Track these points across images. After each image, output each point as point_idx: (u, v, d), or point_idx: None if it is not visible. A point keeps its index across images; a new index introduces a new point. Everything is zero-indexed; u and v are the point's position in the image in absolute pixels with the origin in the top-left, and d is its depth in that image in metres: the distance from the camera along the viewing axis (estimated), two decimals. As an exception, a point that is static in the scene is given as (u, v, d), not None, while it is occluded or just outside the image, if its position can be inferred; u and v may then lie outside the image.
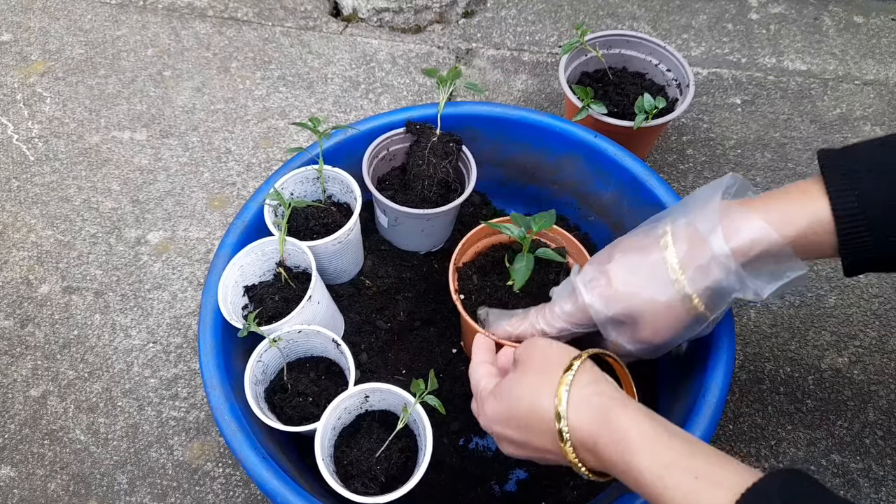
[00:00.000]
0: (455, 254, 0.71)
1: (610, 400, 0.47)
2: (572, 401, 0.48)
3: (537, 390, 0.50)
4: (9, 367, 0.86)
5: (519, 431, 0.52)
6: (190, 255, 0.96)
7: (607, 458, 0.46)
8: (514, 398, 0.52)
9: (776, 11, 1.25)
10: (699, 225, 0.54)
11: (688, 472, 0.42)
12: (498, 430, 0.54)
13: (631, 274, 0.57)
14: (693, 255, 0.54)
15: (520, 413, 0.51)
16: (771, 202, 0.53)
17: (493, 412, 0.54)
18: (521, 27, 1.24)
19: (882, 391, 0.81)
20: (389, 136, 0.79)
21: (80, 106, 1.14)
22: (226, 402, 0.62)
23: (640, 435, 0.45)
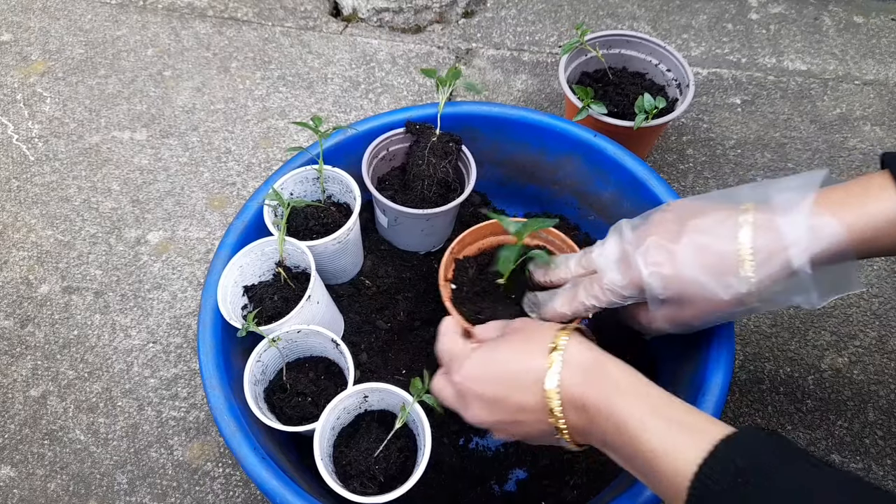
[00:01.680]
0: (454, 244, 0.71)
1: (601, 354, 0.50)
2: (566, 357, 0.49)
3: (527, 350, 0.51)
4: (9, 367, 0.86)
5: (498, 387, 0.52)
6: (190, 255, 0.96)
7: (593, 405, 0.47)
8: (501, 357, 0.53)
9: (776, 11, 1.25)
10: (783, 226, 0.51)
11: (669, 420, 0.44)
12: (473, 386, 0.53)
13: (699, 261, 0.53)
14: (769, 256, 0.51)
15: (505, 370, 0.52)
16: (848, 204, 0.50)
17: (473, 369, 0.54)
18: (521, 27, 1.24)
19: (882, 391, 0.81)
20: (389, 136, 0.79)
21: (80, 106, 1.14)
22: (225, 402, 0.62)
23: (628, 382, 0.47)
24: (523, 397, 0.50)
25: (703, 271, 0.53)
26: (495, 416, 0.53)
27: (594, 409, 0.47)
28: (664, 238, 0.55)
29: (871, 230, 0.50)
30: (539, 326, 0.55)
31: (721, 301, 0.53)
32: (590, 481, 0.69)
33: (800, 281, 0.51)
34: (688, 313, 0.56)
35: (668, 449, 0.42)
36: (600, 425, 0.47)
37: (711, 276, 0.53)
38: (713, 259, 0.53)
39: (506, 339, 0.55)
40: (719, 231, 0.53)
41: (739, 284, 0.52)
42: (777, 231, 0.51)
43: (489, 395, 0.52)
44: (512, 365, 0.52)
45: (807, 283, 0.51)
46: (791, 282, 0.51)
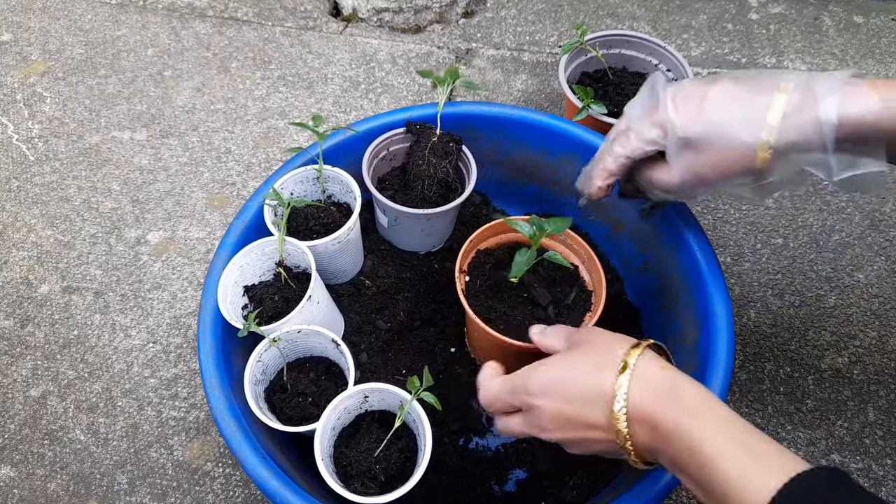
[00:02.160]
0: (474, 235, 0.72)
1: (676, 373, 0.49)
2: (637, 374, 0.48)
3: (598, 366, 0.50)
4: (9, 367, 0.86)
5: (569, 404, 0.51)
6: (190, 255, 0.96)
7: (665, 426, 0.46)
8: (573, 370, 0.52)
9: (776, 11, 1.25)
10: (818, 86, 0.50)
11: (745, 447, 0.43)
12: (542, 402, 0.52)
13: (730, 104, 0.53)
14: (799, 108, 0.51)
15: (576, 384, 0.51)
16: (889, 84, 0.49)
17: (544, 383, 0.52)
18: (521, 27, 1.24)
19: (882, 391, 0.81)
20: (389, 136, 0.79)
21: (80, 106, 1.14)
22: (225, 402, 0.62)
23: (703, 404, 0.46)
24: (593, 415, 0.49)
25: (729, 113, 0.53)
26: (567, 433, 0.52)
27: (665, 429, 0.46)
28: (700, 83, 0.56)
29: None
30: (610, 340, 0.53)
31: (740, 146, 0.53)
32: (589, 482, 0.69)
33: (821, 141, 0.50)
34: (703, 160, 0.55)
35: (743, 478, 0.41)
36: (672, 446, 0.46)
37: (736, 118, 0.53)
38: (742, 105, 0.53)
39: (576, 352, 0.54)
40: (759, 82, 0.53)
41: (762, 128, 0.52)
42: (812, 91, 0.51)
43: (559, 410, 0.51)
44: (582, 381, 0.51)
45: (829, 142, 0.50)
46: (812, 142, 0.51)
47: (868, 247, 0.93)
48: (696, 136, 0.55)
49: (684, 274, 0.71)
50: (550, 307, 0.69)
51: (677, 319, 0.72)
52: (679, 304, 0.72)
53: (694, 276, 0.69)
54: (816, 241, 0.94)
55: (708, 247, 0.69)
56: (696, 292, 0.68)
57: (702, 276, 0.68)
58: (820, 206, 0.97)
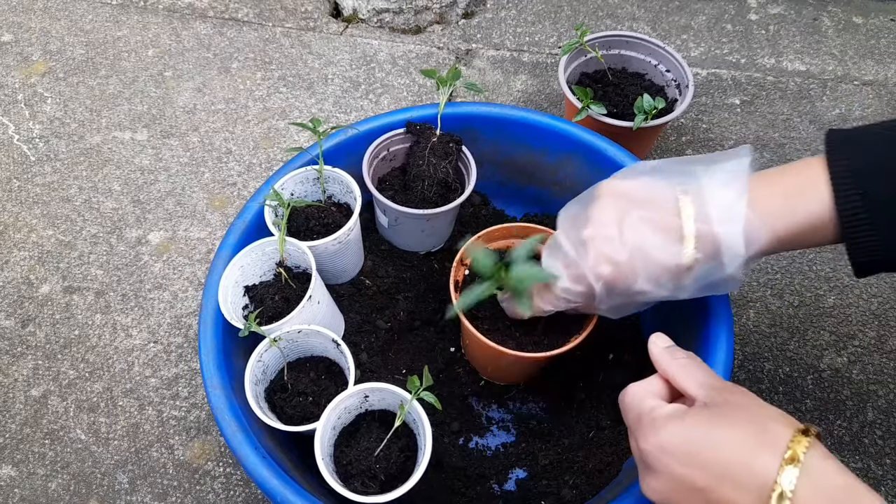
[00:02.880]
0: (483, 232, 0.72)
1: (855, 481, 0.41)
2: (809, 472, 0.41)
3: (756, 440, 0.43)
4: (10, 366, 0.87)
5: (707, 475, 0.43)
6: (190, 255, 0.96)
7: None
8: (718, 438, 0.44)
9: (775, 12, 1.25)
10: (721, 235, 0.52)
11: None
12: (669, 464, 0.45)
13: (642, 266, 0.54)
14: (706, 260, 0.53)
15: (721, 456, 0.43)
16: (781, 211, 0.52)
17: (675, 442, 0.45)
18: (521, 28, 1.25)
19: (881, 391, 0.82)
20: (389, 137, 0.80)
21: (81, 106, 1.14)
22: (226, 402, 0.62)
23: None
24: (737, 498, 0.42)
25: (647, 279, 0.54)
26: (685, 500, 0.45)
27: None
28: (606, 241, 0.55)
29: (796, 234, 0.51)
30: (767, 412, 0.45)
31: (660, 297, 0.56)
32: (589, 481, 0.69)
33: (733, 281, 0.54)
34: (631, 307, 0.60)
35: None
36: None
37: (654, 285, 0.55)
38: (655, 267, 0.54)
39: (723, 414, 0.45)
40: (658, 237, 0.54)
41: (676, 290, 0.55)
42: (714, 239, 0.52)
43: (689, 479, 0.44)
44: (731, 455, 0.43)
45: (736, 281, 0.54)
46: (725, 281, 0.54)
47: (867, 247, 0.93)
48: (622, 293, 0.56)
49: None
50: (543, 319, 0.69)
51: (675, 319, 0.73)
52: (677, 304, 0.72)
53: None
54: (815, 241, 0.94)
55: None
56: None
57: (701, 276, 0.68)
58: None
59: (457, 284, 0.71)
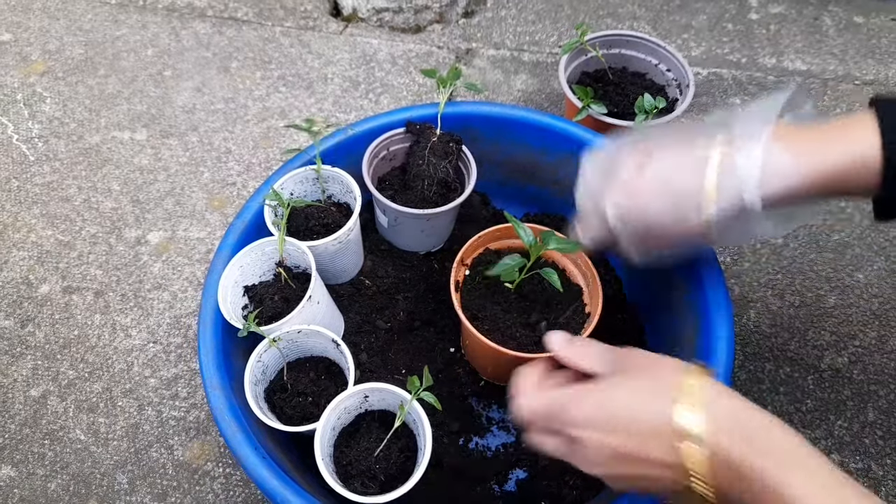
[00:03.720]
0: (485, 232, 0.72)
1: (753, 409, 0.44)
2: (710, 409, 0.43)
3: (657, 393, 0.46)
4: (9, 366, 0.86)
5: (628, 438, 0.46)
6: (190, 255, 0.96)
7: (748, 468, 0.42)
8: (625, 400, 0.47)
9: (776, 11, 1.25)
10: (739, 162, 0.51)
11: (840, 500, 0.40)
12: (593, 435, 0.47)
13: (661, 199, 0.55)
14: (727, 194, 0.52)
15: (633, 417, 0.46)
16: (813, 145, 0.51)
17: (593, 413, 0.47)
18: (521, 27, 1.24)
19: (882, 391, 0.82)
20: (389, 136, 0.79)
21: (80, 106, 1.14)
22: (226, 402, 0.62)
23: (798, 454, 0.42)
24: (658, 452, 0.45)
25: (665, 210, 0.55)
26: (617, 469, 0.47)
27: (754, 480, 0.42)
28: (629, 179, 0.57)
29: (832, 174, 0.50)
30: (657, 364, 0.49)
31: (683, 231, 0.55)
32: (588, 482, 0.69)
33: (755, 215, 0.52)
34: (652, 244, 0.59)
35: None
36: (750, 490, 0.42)
37: (673, 213, 0.55)
38: (675, 197, 0.54)
39: (627, 376, 0.48)
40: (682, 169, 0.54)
41: (699, 219, 0.54)
42: (735, 168, 0.52)
43: (610, 444, 0.46)
44: (638, 413, 0.46)
45: (759, 217, 0.52)
46: (747, 215, 0.52)
47: (868, 247, 0.93)
48: (640, 230, 0.57)
49: (683, 274, 0.71)
50: (543, 323, 0.69)
51: (677, 319, 0.72)
52: (678, 305, 0.72)
53: (693, 277, 0.69)
54: (816, 241, 0.94)
55: (707, 247, 0.69)
56: (696, 292, 0.68)
57: (701, 276, 0.68)
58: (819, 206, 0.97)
59: (457, 285, 0.71)
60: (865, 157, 0.49)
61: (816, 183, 0.50)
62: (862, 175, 0.50)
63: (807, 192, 0.51)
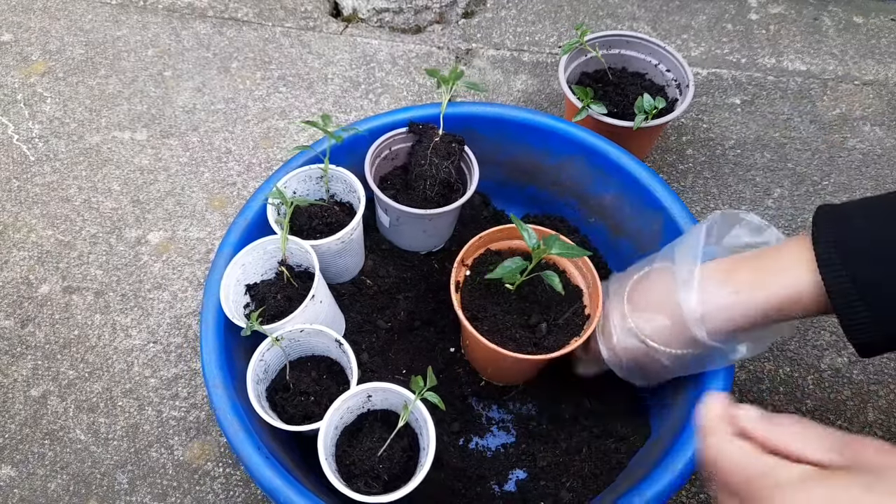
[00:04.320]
0: (485, 233, 0.72)
1: None
2: None
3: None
4: (9, 366, 0.86)
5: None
6: (190, 255, 0.96)
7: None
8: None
9: (776, 12, 1.25)
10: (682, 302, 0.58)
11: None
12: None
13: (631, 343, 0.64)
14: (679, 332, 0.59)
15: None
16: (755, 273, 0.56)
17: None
18: (521, 27, 1.25)
19: (882, 391, 0.82)
20: (392, 136, 0.80)
21: (81, 106, 1.14)
22: (228, 401, 0.62)
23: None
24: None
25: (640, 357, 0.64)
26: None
27: None
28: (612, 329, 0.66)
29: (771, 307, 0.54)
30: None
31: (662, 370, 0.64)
32: (585, 485, 0.69)
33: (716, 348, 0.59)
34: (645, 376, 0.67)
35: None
36: None
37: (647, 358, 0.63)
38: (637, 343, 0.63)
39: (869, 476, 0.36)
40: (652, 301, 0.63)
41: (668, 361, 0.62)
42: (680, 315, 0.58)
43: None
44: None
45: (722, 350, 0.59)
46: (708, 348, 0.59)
47: (867, 247, 0.93)
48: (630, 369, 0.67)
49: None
50: (543, 324, 0.69)
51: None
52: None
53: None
54: (816, 241, 0.94)
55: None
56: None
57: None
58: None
59: (457, 286, 0.70)
60: (801, 292, 0.53)
61: (758, 316, 0.55)
62: (801, 305, 0.54)
63: (751, 325, 0.56)
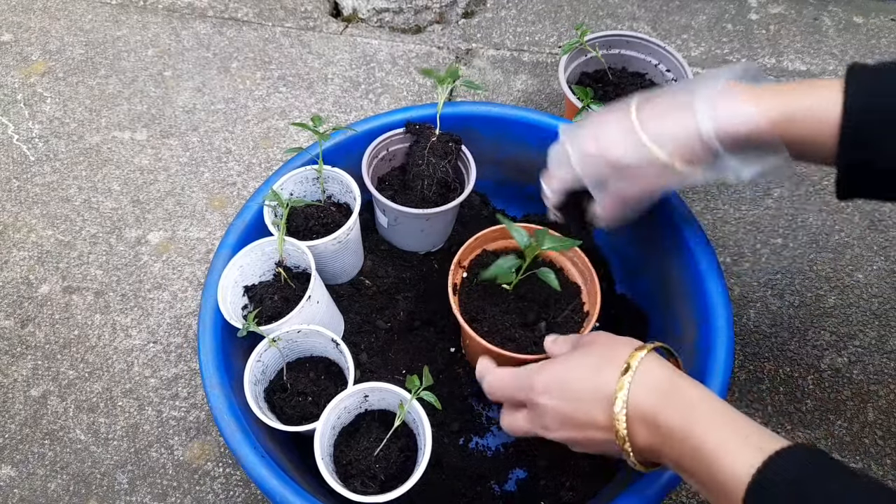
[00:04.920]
0: (480, 234, 0.72)
1: (677, 374, 0.49)
2: (638, 375, 0.49)
3: (601, 364, 0.51)
4: (9, 366, 0.87)
5: (572, 402, 0.51)
6: (190, 255, 0.96)
7: (667, 426, 0.47)
8: (574, 370, 0.53)
9: (776, 12, 1.25)
10: (696, 102, 0.54)
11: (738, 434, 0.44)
12: (548, 401, 0.53)
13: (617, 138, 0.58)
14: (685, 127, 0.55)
15: (578, 383, 0.52)
16: (781, 91, 0.52)
17: (547, 382, 0.53)
18: (521, 27, 1.24)
19: (881, 391, 0.81)
20: (389, 136, 0.80)
21: (81, 106, 1.14)
22: (225, 402, 0.62)
23: (702, 401, 0.47)
24: (594, 414, 0.50)
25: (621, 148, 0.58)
26: (570, 432, 0.53)
27: (667, 427, 0.47)
28: (592, 125, 0.61)
29: (790, 120, 0.51)
30: (615, 341, 0.54)
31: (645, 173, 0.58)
32: (589, 481, 0.69)
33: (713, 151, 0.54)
34: (624, 190, 0.60)
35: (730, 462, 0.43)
36: (673, 444, 0.47)
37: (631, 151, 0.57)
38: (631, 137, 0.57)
39: (581, 352, 0.55)
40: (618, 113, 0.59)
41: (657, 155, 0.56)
42: (691, 108, 0.54)
43: (562, 409, 0.52)
44: (584, 380, 0.52)
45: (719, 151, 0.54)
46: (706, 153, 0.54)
47: (868, 247, 0.93)
48: (605, 173, 0.60)
49: (683, 274, 0.71)
50: (542, 323, 0.69)
51: (677, 319, 0.73)
52: (679, 304, 0.72)
53: (693, 276, 0.69)
54: (816, 241, 0.94)
55: (708, 247, 0.69)
56: (696, 292, 0.68)
57: (701, 276, 0.68)
58: (820, 207, 0.97)
59: (455, 287, 0.71)
60: (826, 110, 0.50)
61: (775, 125, 0.51)
62: (819, 130, 0.51)
63: (766, 135, 0.52)
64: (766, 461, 0.41)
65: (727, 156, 0.54)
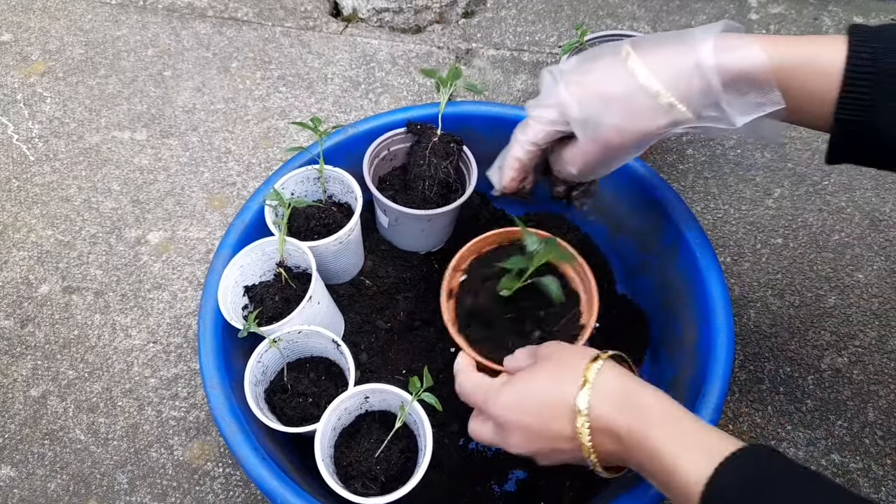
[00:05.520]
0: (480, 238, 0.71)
1: (634, 381, 0.50)
2: (596, 387, 0.50)
3: (560, 377, 0.52)
4: (9, 366, 0.86)
5: (536, 418, 0.52)
6: (190, 255, 0.96)
7: (626, 434, 0.47)
8: (536, 386, 0.53)
9: (776, 11, 1.25)
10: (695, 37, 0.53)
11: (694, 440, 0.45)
12: (511, 418, 0.53)
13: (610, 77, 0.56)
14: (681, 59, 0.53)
15: (540, 398, 0.52)
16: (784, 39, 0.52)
17: (509, 400, 0.54)
18: (521, 27, 1.24)
19: (882, 391, 0.82)
20: (390, 136, 0.79)
21: (81, 106, 1.14)
22: (226, 403, 0.62)
23: (661, 410, 0.48)
24: (559, 427, 0.51)
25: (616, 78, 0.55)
26: (535, 445, 0.53)
27: (627, 437, 0.47)
28: (584, 60, 0.58)
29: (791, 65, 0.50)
30: (571, 353, 0.55)
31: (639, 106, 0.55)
32: (585, 484, 0.69)
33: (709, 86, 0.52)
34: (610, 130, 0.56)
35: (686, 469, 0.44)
36: (635, 452, 0.47)
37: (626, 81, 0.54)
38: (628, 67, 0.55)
39: (539, 367, 0.55)
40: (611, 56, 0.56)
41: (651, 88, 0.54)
42: (690, 43, 0.53)
43: (527, 424, 0.53)
44: (546, 395, 0.52)
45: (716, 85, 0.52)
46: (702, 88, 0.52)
47: (868, 247, 0.93)
48: (592, 110, 0.56)
49: (684, 274, 0.71)
50: (537, 332, 0.68)
51: (677, 319, 0.73)
52: (679, 305, 0.72)
53: (693, 276, 0.69)
54: (816, 241, 0.94)
55: (708, 247, 0.69)
56: (696, 292, 0.68)
57: (701, 276, 0.68)
58: (820, 207, 0.97)
59: (450, 293, 0.69)
60: (828, 61, 0.49)
61: (776, 71, 0.50)
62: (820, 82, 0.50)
63: (766, 77, 0.51)
64: (721, 464, 0.42)
65: (724, 96, 0.52)
